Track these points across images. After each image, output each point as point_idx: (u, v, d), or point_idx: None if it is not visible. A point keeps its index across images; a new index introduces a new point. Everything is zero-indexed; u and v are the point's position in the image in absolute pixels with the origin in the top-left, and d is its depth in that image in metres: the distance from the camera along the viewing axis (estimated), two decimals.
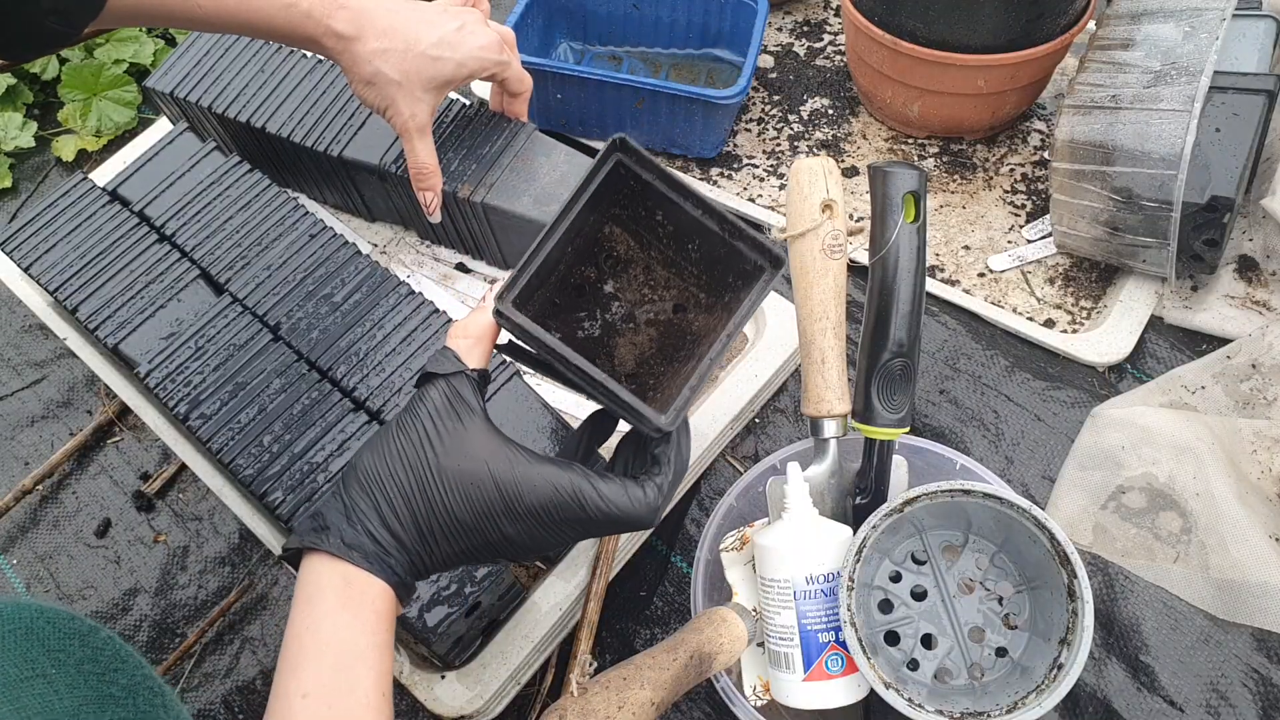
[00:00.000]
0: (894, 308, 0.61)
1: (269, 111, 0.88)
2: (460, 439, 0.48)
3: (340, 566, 0.46)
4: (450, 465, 0.47)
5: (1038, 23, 0.87)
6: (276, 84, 0.90)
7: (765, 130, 1.04)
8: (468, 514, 0.47)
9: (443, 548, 0.48)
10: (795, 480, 0.63)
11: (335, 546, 0.46)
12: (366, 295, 0.77)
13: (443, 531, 0.48)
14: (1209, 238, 0.80)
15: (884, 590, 0.62)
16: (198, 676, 0.77)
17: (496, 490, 0.47)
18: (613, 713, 0.54)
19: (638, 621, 0.76)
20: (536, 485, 0.47)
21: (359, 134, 0.86)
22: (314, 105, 0.88)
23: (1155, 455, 0.76)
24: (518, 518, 0.48)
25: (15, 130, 1.12)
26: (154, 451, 0.89)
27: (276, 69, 0.91)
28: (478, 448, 0.48)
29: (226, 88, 0.90)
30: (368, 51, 0.70)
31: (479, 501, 0.47)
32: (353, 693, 0.45)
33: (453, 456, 0.47)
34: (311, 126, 0.87)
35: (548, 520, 0.48)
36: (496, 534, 0.48)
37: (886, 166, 0.62)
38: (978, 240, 0.94)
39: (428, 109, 0.75)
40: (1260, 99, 0.78)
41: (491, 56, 0.76)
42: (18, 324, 0.99)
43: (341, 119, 0.87)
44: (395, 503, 0.47)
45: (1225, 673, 0.69)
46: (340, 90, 0.88)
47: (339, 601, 0.46)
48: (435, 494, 0.47)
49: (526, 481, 0.47)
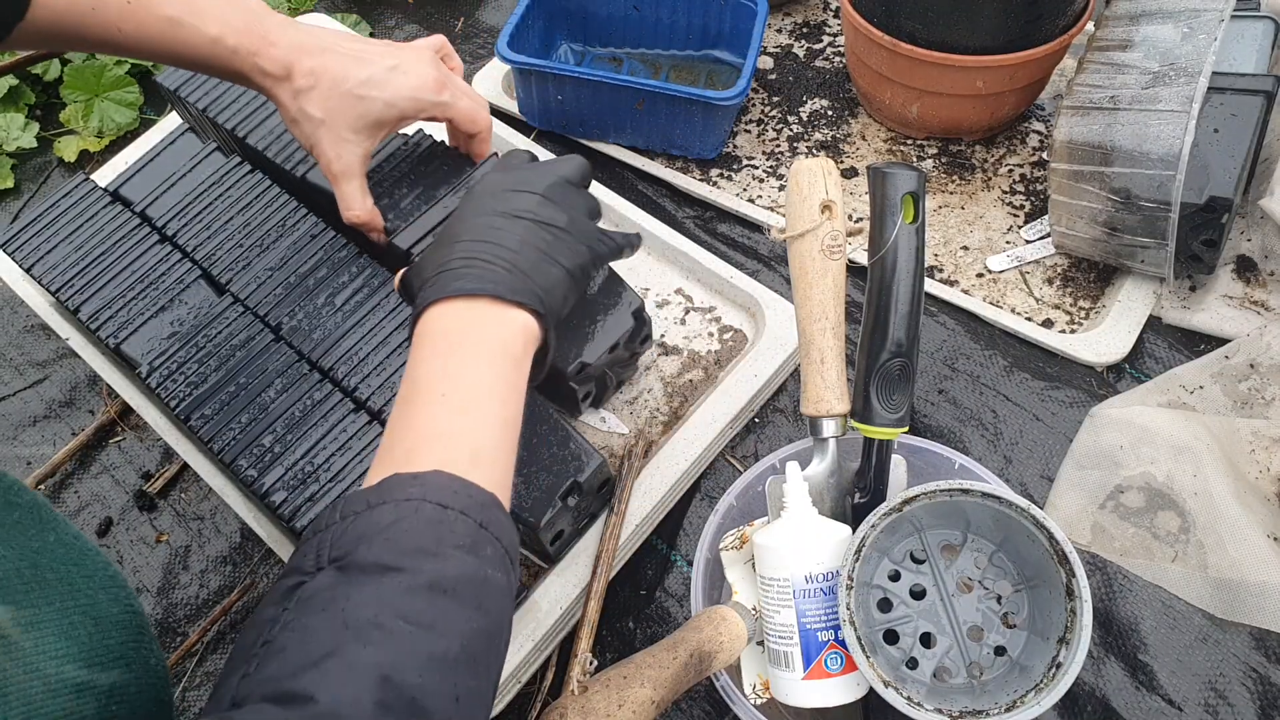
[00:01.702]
0: (893, 308, 0.62)
1: (255, 123, 0.86)
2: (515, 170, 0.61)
3: (420, 322, 0.54)
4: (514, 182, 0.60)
5: (1036, 24, 0.87)
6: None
7: (765, 131, 1.05)
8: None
9: (506, 254, 0.56)
10: (795, 479, 0.63)
11: (453, 289, 0.54)
12: (367, 296, 0.77)
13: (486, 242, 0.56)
14: (1207, 238, 0.81)
15: (883, 589, 0.63)
16: (199, 675, 0.78)
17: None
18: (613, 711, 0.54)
19: (638, 620, 0.76)
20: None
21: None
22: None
23: (1154, 455, 0.76)
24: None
25: (17, 131, 1.13)
26: (155, 451, 0.89)
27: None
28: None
29: (224, 94, 0.89)
30: (294, 89, 0.68)
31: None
32: (416, 403, 0.51)
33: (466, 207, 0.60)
34: (288, 144, 0.84)
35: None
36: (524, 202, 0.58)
37: (885, 167, 0.62)
38: (976, 241, 0.94)
39: (357, 151, 0.71)
40: (1258, 99, 0.79)
41: (427, 97, 0.71)
42: (20, 324, 1.00)
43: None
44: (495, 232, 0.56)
45: (1224, 672, 0.69)
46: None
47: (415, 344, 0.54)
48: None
49: None
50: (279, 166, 0.83)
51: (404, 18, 1.22)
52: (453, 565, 0.44)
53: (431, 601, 0.42)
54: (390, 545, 0.44)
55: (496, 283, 0.54)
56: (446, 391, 0.50)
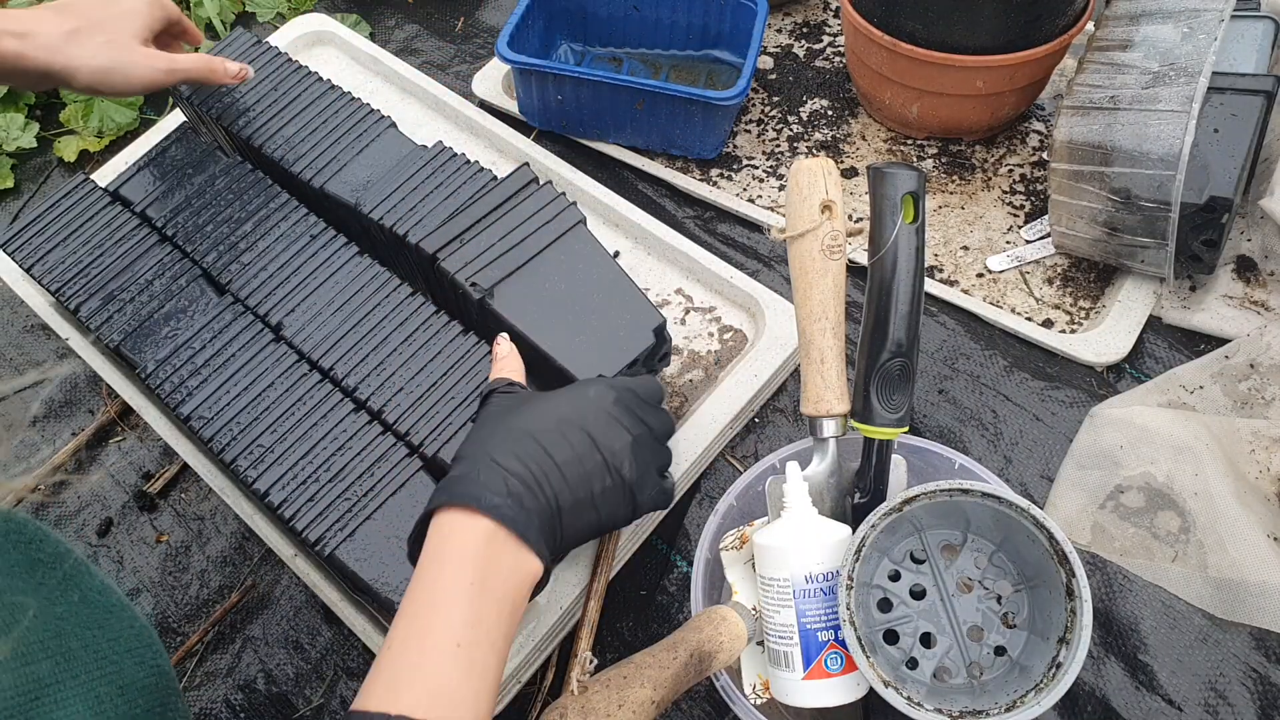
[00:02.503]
0: (893, 308, 0.62)
1: (269, 133, 0.85)
2: (526, 396, 0.62)
3: (437, 520, 0.54)
4: (529, 404, 0.60)
5: (1036, 24, 0.87)
6: (284, 105, 0.86)
7: (765, 131, 1.05)
8: (561, 410, 0.59)
9: (543, 461, 0.56)
10: (794, 479, 0.63)
11: (430, 505, 0.54)
12: (368, 296, 0.77)
13: (538, 447, 0.56)
14: (1207, 238, 0.81)
15: (883, 589, 0.63)
16: (199, 676, 0.78)
17: (563, 396, 0.61)
18: (613, 711, 0.54)
19: (638, 620, 0.76)
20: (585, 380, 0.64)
21: (344, 169, 0.82)
22: (312, 134, 0.84)
23: (1154, 455, 0.76)
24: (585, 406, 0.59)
25: (17, 131, 1.13)
26: (155, 451, 0.89)
27: (289, 90, 0.87)
28: (543, 393, 0.62)
29: (238, 101, 0.87)
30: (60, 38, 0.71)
31: (567, 400, 0.60)
32: (427, 638, 0.50)
33: (526, 403, 0.61)
34: (304, 154, 0.83)
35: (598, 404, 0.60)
36: (585, 419, 0.59)
37: (885, 167, 0.62)
38: (976, 241, 0.94)
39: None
40: (1258, 100, 0.79)
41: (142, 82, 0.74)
42: (20, 324, 1.00)
43: (333, 150, 0.83)
44: (501, 456, 0.56)
45: (1224, 672, 0.69)
46: (339, 123, 0.85)
47: (428, 554, 0.53)
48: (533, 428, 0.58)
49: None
50: (296, 177, 0.82)
51: (404, 17, 1.22)
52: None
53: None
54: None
55: (528, 526, 0.53)
56: (462, 642, 0.49)
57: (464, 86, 1.10)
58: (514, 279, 0.72)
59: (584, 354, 0.70)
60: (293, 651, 0.78)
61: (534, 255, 0.73)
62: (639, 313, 0.72)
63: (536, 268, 0.73)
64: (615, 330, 0.71)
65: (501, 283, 0.72)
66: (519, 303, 0.72)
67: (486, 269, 0.72)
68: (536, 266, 0.73)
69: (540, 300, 0.72)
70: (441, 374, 0.73)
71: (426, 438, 0.70)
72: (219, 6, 1.18)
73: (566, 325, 0.71)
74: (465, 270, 0.73)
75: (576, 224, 0.75)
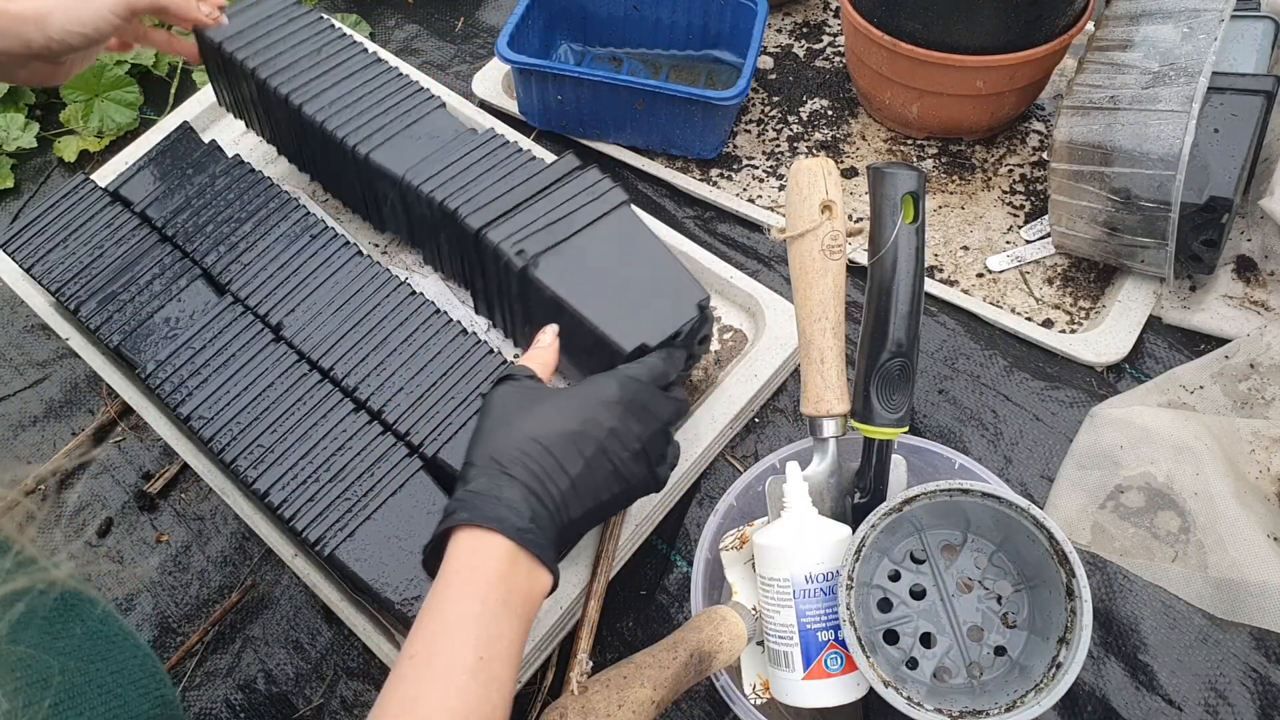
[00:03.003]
0: (893, 308, 0.62)
1: (310, 94, 0.84)
2: (538, 394, 0.61)
3: (459, 536, 0.53)
4: (541, 406, 0.59)
5: (1036, 24, 0.87)
6: (327, 70, 0.85)
7: (765, 131, 1.05)
8: (573, 421, 0.58)
9: (559, 479, 0.56)
10: (794, 479, 0.63)
11: (451, 520, 0.53)
12: (367, 296, 0.77)
13: (554, 461, 0.56)
14: (1207, 238, 0.81)
15: (883, 589, 0.63)
16: (199, 676, 0.78)
17: (579, 399, 0.59)
18: (613, 711, 0.54)
19: (638, 621, 0.76)
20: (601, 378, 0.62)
21: (391, 141, 0.82)
22: (357, 101, 0.84)
23: (1154, 455, 0.76)
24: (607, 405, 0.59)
25: (17, 131, 1.13)
26: (155, 451, 0.89)
27: (333, 56, 0.87)
28: (554, 392, 0.61)
29: (277, 57, 0.86)
30: None
31: (579, 408, 0.59)
32: (447, 655, 0.50)
33: (538, 404, 0.59)
34: (348, 120, 0.83)
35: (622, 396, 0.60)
36: (600, 430, 0.58)
37: (885, 167, 0.62)
38: (976, 241, 0.94)
39: None
40: (1258, 100, 0.79)
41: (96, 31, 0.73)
42: (20, 324, 1.00)
43: (380, 120, 0.83)
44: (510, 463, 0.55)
45: (1224, 672, 0.69)
46: (386, 95, 0.84)
47: (451, 571, 0.52)
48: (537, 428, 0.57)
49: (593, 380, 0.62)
50: (336, 142, 0.82)
51: (404, 17, 1.22)
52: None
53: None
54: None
55: (545, 547, 0.54)
56: (483, 656, 0.50)
57: (464, 86, 1.10)
58: (558, 251, 0.72)
59: (626, 323, 0.69)
60: (293, 651, 0.78)
61: (578, 230, 0.73)
62: (683, 288, 0.72)
63: (580, 242, 0.73)
64: (659, 302, 0.71)
65: (545, 253, 0.72)
66: (562, 273, 0.72)
67: (531, 239, 0.73)
68: (580, 241, 0.73)
69: (583, 271, 0.72)
70: (441, 374, 0.73)
71: (426, 438, 0.70)
72: None
73: (609, 295, 0.71)
74: (509, 241, 0.72)
75: (622, 203, 0.75)
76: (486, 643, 0.50)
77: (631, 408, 0.60)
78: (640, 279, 0.72)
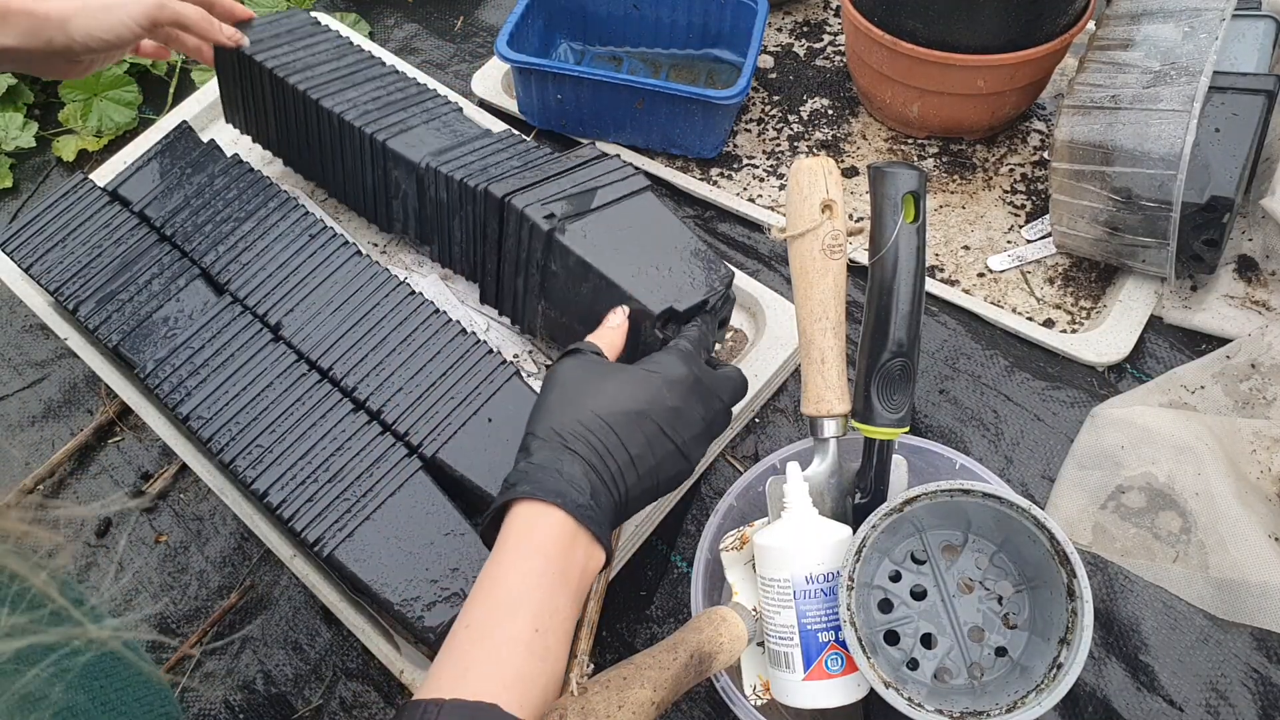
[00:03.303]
0: (894, 308, 0.61)
1: (329, 91, 0.85)
2: (603, 369, 0.60)
3: (519, 509, 0.54)
4: (606, 382, 0.59)
5: (1037, 23, 0.87)
6: (346, 74, 0.87)
7: (765, 130, 1.04)
8: (639, 400, 0.57)
9: (620, 457, 0.56)
10: (795, 480, 0.63)
11: (512, 493, 0.54)
12: (367, 296, 0.77)
13: (616, 439, 0.56)
14: (1208, 238, 0.80)
15: (884, 590, 0.62)
16: (198, 676, 0.77)
17: (641, 378, 0.59)
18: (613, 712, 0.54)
19: (638, 621, 0.76)
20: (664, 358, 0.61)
21: (410, 131, 0.83)
22: (375, 99, 0.85)
23: (1155, 455, 0.76)
24: (669, 384, 0.59)
25: (16, 130, 1.13)
26: (154, 451, 0.89)
27: (353, 64, 0.88)
28: (619, 368, 0.61)
29: (296, 60, 0.87)
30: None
31: (644, 386, 0.58)
32: (506, 626, 0.50)
33: (603, 380, 0.59)
34: (365, 112, 0.84)
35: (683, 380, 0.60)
36: (664, 410, 0.58)
37: (886, 167, 0.62)
38: (977, 240, 0.94)
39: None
40: (1260, 99, 0.78)
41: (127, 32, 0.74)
42: (18, 324, 1.00)
43: (400, 115, 0.84)
44: (569, 436, 0.55)
45: (1225, 672, 0.69)
46: (406, 96, 0.85)
47: (511, 544, 0.53)
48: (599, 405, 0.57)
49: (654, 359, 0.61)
50: (357, 130, 0.82)
51: (403, 17, 1.22)
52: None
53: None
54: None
55: (603, 524, 0.54)
56: (539, 628, 0.50)
57: (463, 86, 1.10)
58: (584, 219, 0.72)
59: (654, 288, 0.69)
60: (292, 652, 0.78)
61: (604, 205, 0.73)
62: (710, 263, 0.72)
63: (606, 214, 0.73)
64: (686, 272, 0.71)
65: (572, 219, 0.72)
66: (589, 238, 0.71)
67: (557, 204, 0.73)
68: (606, 213, 0.73)
69: (611, 239, 0.72)
70: (441, 374, 0.73)
71: (426, 438, 0.70)
72: None
73: (636, 262, 0.70)
74: (536, 206, 0.72)
75: (645, 187, 0.75)
76: (542, 616, 0.50)
77: (697, 388, 0.60)
78: (667, 251, 0.72)
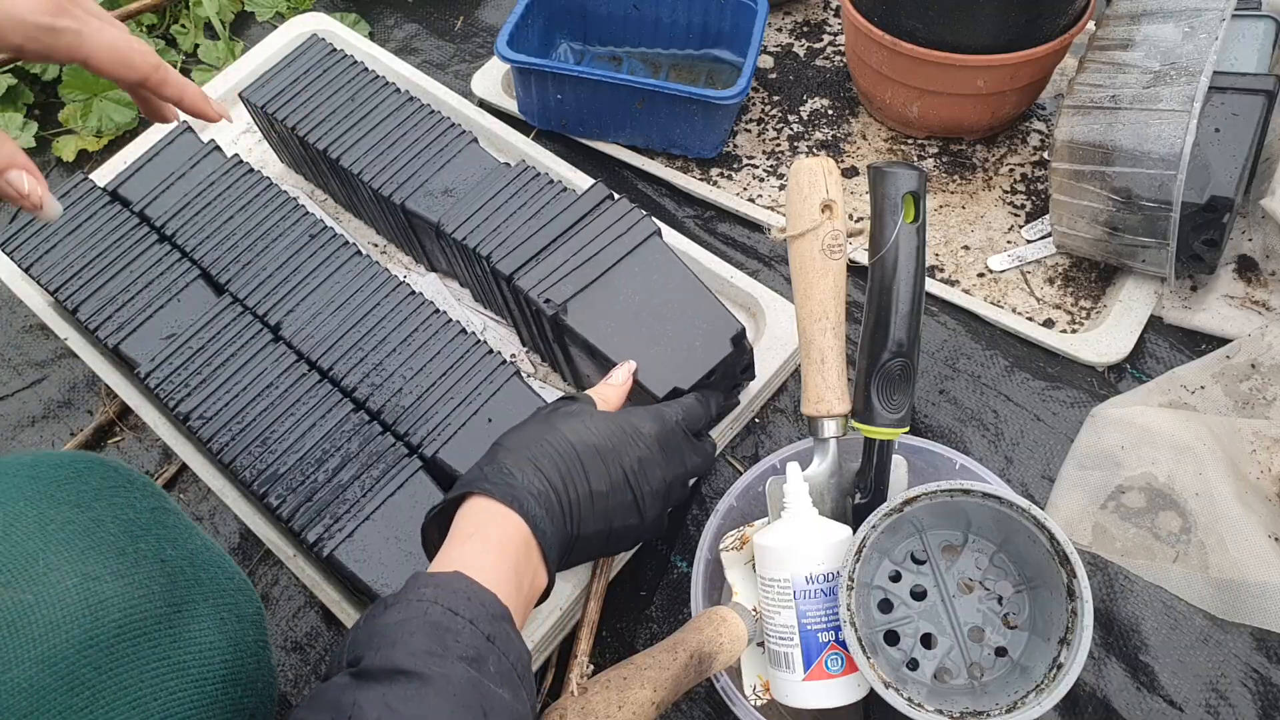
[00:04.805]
0: (893, 308, 0.61)
1: (347, 145, 0.85)
2: (583, 410, 0.62)
3: (476, 501, 0.54)
4: (581, 419, 0.60)
5: (1037, 23, 0.87)
6: (361, 116, 0.86)
7: (765, 130, 1.04)
8: (607, 439, 0.59)
9: (580, 488, 0.57)
10: (795, 480, 0.63)
11: (470, 487, 0.54)
12: (367, 296, 0.77)
13: (581, 468, 0.57)
14: (1208, 238, 0.81)
15: (884, 590, 0.62)
16: None
17: (617, 423, 0.60)
18: (613, 712, 0.54)
19: (638, 621, 0.76)
20: (641, 414, 0.62)
21: (425, 185, 0.82)
22: (391, 146, 0.84)
23: (1155, 455, 0.76)
24: (639, 438, 0.60)
25: (16, 130, 1.12)
26: (154, 452, 0.89)
27: (366, 100, 0.88)
28: (598, 412, 0.62)
29: (313, 111, 0.87)
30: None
31: (615, 430, 0.60)
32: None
33: (579, 417, 0.60)
34: (384, 168, 0.83)
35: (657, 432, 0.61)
36: (631, 457, 0.59)
37: (886, 167, 0.62)
38: (977, 240, 0.94)
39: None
40: (1259, 99, 0.78)
41: (32, 20, 0.50)
42: (18, 324, 1.00)
43: (414, 166, 0.83)
44: (540, 460, 0.56)
45: (1225, 672, 0.69)
46: (419, 136, 0.85)
47: (465, 531, 0.53)
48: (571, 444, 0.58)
49: (634, 412, 0.63)
50: (376, 191, 0.83)
51: (403, 16, 1.22)
52: (457, 674, 0.44)
53: (435, 708, 0.42)
54: (397, 648, 0.44)
55: (551, 545, 0.54)
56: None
57: (463, 86, 1.10)
58: (588, 293, 0.73)
59: (659, 368, 0.70)
60: (292, 652, 0.78)
61: (608, 268, 0.74)
62: (716, 321, 0.72)
63: (611, 280, 0.73)
64: (691, 340, 0.71)
65: (575, 298, 0.72)
66: (593, 318, 0.72)
67: (561, 284, 0.73)
68: (611, 279, 0.73)
69: (614, 314, 0.72)
70: (441, 374, 0.73)
71: (426, 438, 0.70)
72: (218, 6, 1.17)
73: (641, 338, 0.71)
74: (540, 287, 0.73)
75: (651, 235, 0.75)
76: (506, 600, 0.50)
77: (667, 446, 0.61)
78: (672, 317, 0.72)
